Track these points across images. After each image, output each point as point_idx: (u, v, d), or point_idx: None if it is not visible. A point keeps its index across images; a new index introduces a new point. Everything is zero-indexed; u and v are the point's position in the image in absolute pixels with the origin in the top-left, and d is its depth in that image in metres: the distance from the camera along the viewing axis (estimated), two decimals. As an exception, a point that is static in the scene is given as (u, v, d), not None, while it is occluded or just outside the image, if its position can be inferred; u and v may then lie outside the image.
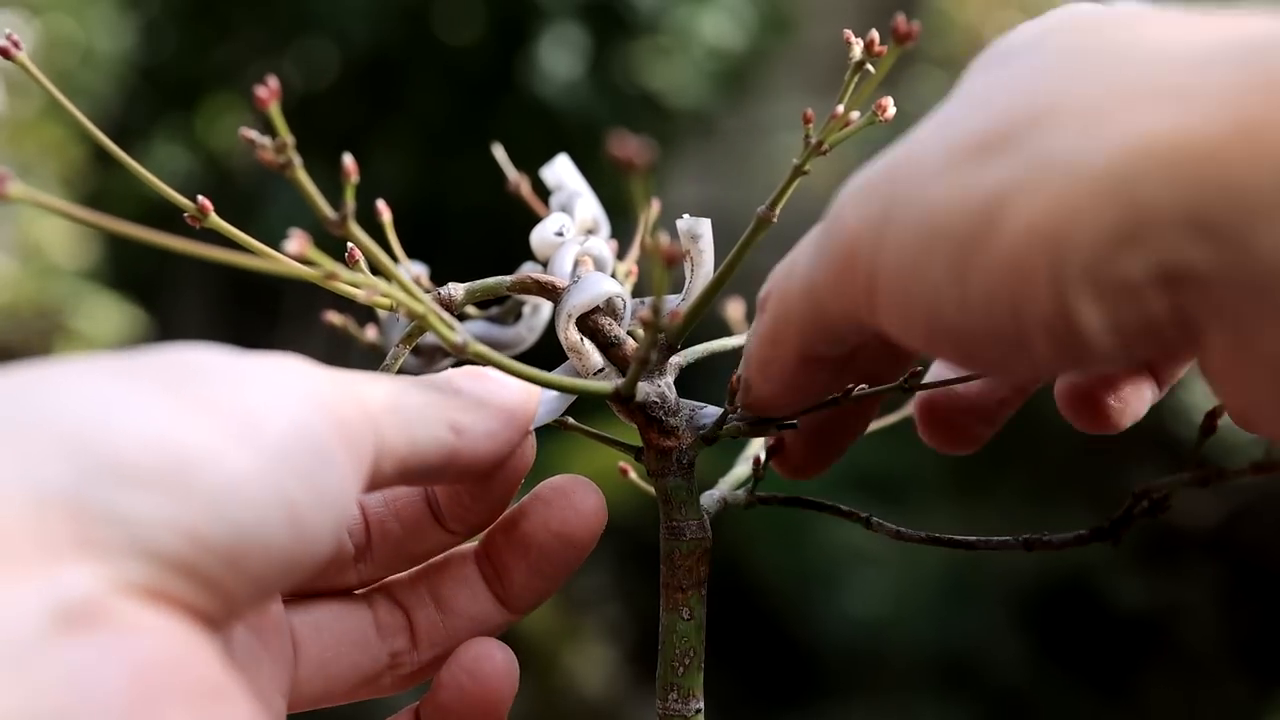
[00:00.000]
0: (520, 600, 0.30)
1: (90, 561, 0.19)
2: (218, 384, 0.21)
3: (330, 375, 0.24)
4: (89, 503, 0.19)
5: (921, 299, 0.23)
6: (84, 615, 0.18)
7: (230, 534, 0.20)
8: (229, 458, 0.20)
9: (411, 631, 0.30)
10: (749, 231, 0.29)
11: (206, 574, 0.20)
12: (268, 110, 0.22)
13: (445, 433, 0.26)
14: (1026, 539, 0.31)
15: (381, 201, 0.34)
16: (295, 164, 0.23)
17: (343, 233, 0.24)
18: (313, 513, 0.21)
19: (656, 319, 0.24)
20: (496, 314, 0.37)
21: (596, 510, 0.29)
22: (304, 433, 0.22)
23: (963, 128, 0.23)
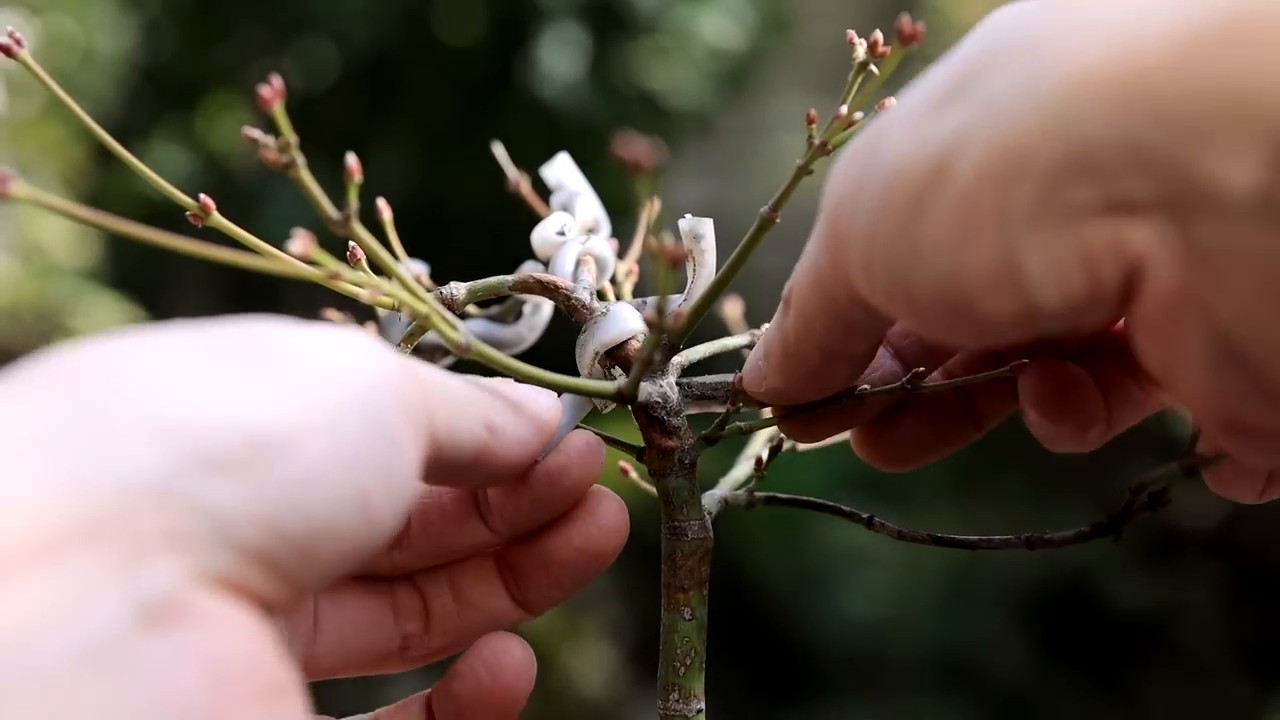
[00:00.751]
0: (536, 604, 0.30)
1: (175, 554, 0.18)
2: (293, 364, 0.21)
3: (390, 352, 0.23)
4: (177, 493, 0.19)
5: (881, 255, 0.23)
6: (165, 611, 0.18)
7: (307, 524, 0.20)
8: (308, 445, 0.20)
9: (426, 616, 0.30)
10: (752, 232, 0.29)
11: (281, 564, 0.20)
12: (271, 110, 0.22)
13: (480, 428, 0.26)
14: (1029, 538, 0.31)
15: (382, 200, 0.34)
16: (299, 164, 0.23)
17: (346, 232, 0.24)
18: (382, 500, 0.21)
19: (660, 320, 0.24)
20: (497, 313, 0.37)
21: (619, 526, 0.30)
22: (377, 419, 0.22)
23: (926, 85, 0.23)
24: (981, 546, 0.31)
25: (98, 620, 0.17)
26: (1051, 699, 1.71)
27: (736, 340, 0.33)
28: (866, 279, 0.24)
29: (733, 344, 0.33)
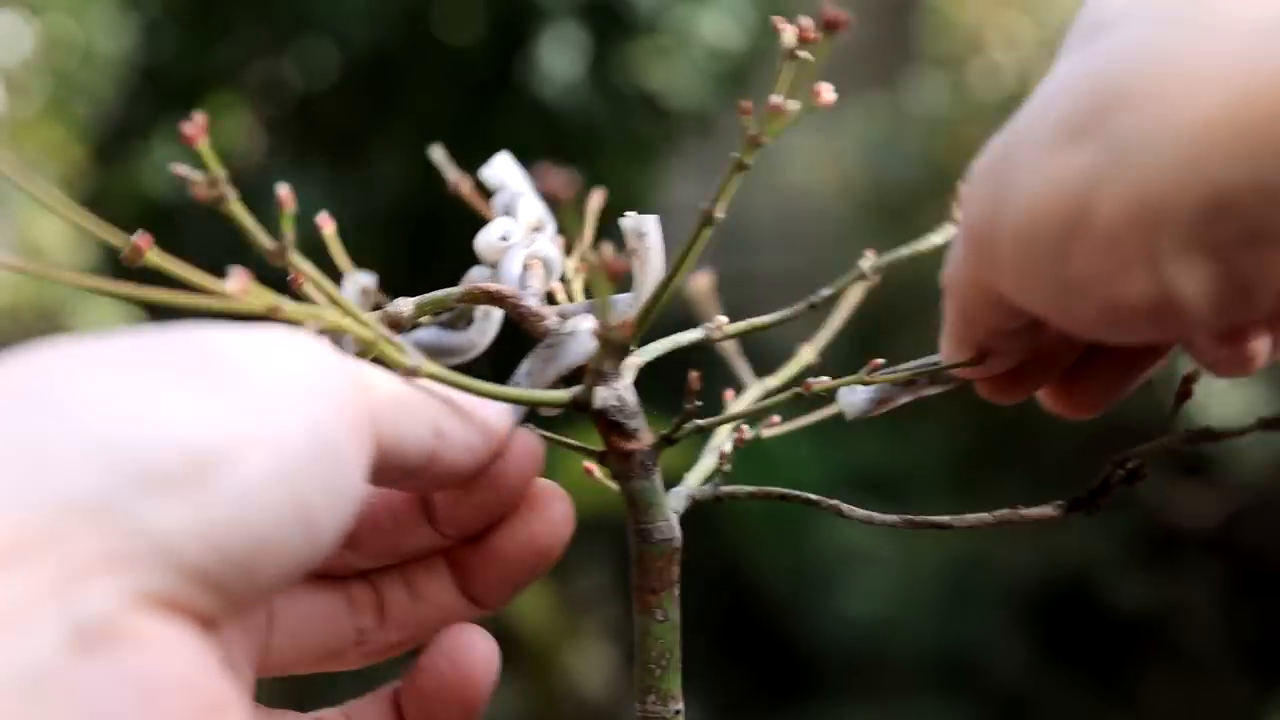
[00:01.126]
0: (486, 600, 0.30)
1: (111, 575, 0.18)
2: (234, 373, 0.21)
3: (338, 360, 0.23)
4: (115, 512, 0.18)
5: (1034, 285, 0.24)
6: (101, 634, 0.18)
7: (248, 541, 0.20)
8: (249, 459, 0.20)
9: (381, 611, 0.30)
10: (695, 229, 0.29)
11: (222, 581, 0.20)
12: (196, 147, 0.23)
13: (428, 434, 0.25)
14: (1001, 516, 0.31)
15: (323, 214, 0.34)
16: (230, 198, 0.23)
17: (282, 262, 0.24)
18: (325, 512, 0.21)
19: (607, 334, 0.24)
20: (447, 319, 0.37)
21: (564, 519, 0.29)
22: (320, 430, 0.21)
23: (1053, 115, 0.24)
24: (956, 527, 0.32)
25: (30, 643, 0.17)
26: (1051, 699, 1.71)
27: (691, 335, 0.33)
28: (1020, 299, 0.25)
29: (687, 339, 0.33)
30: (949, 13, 2.00)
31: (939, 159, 1.96)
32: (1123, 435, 0.31)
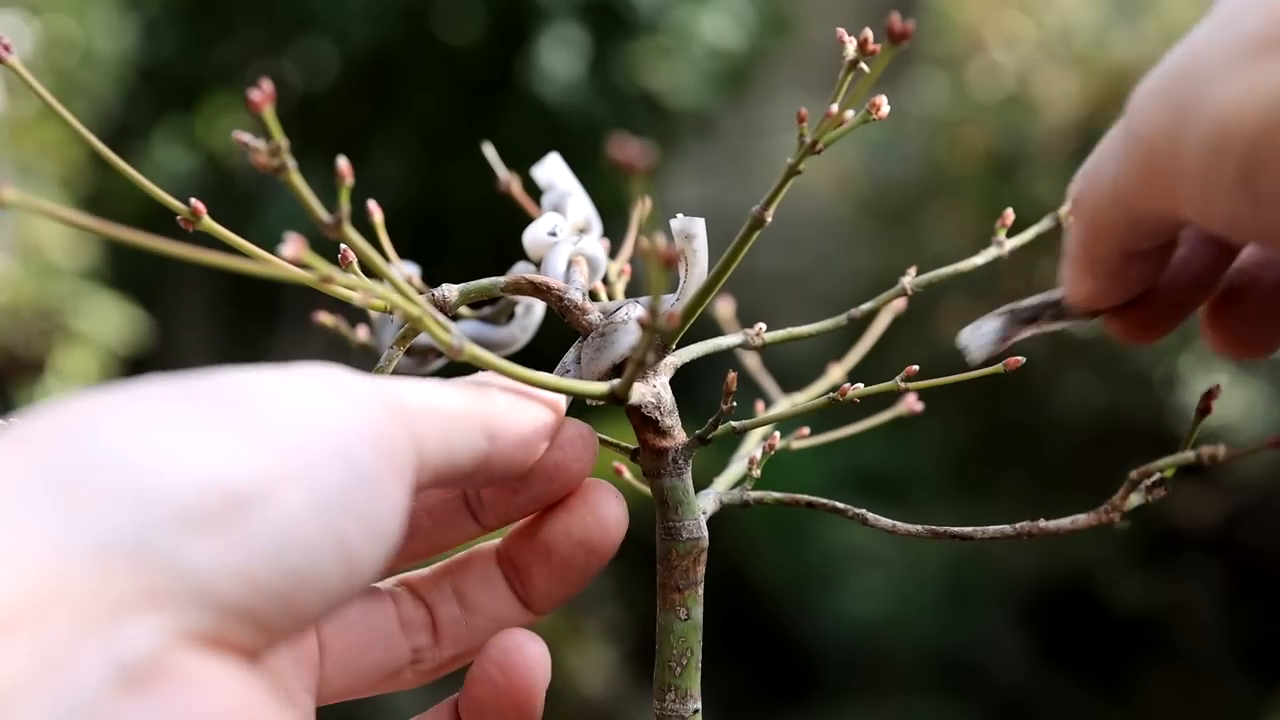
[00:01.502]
0: (542, 602, 0.30)
1: (153, 613, 0.18)
2: (267, 414, 0.21)
3: (372, 391, 0.23)
4: (153, 552, 0.19)
5: (1219, 199, 0.23)
6: (145, 672, 0.18)
7: (287, 577, 0.20)
8: (285, 497, 0.20)
9: (434, 628, 0.30)
10: (744, 231, 0.29)
11: (261, 615, 0.20)
12: (262, 113, 0.22)
13: (480, 440, 0.25)
14: (1024, 528, 0.31)
15: (373, 202, 0.34)
16: (290, 167, 0.23)
17: (338, 235, 0.24)
18: (363, 545, 0.21)
19: (654, 322, 0.24)
20: (489, 314, 0.37)
21: (618, 518, 0.29)
22: (355, 465, 0.21)
23: (1241, 29, 0.23)
24: (976, 538, 0.31)
25: (77, 682, 0.17)
26: (1051, 699, 1.71)
27: (730, 340, 0.33)
28: (1203, 214, 0.25)
29: (725, 343, 0.33)
30: (949, 13, 2.00)
31: (939, 159, 1.97)
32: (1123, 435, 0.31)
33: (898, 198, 2.00)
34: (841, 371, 0.40)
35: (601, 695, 1.84)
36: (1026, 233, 0.34)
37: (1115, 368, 1.71)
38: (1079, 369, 1.73)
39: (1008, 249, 0.34)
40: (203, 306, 2.58)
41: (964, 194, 1.90)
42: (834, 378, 0.40)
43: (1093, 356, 1.74)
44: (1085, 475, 1.73)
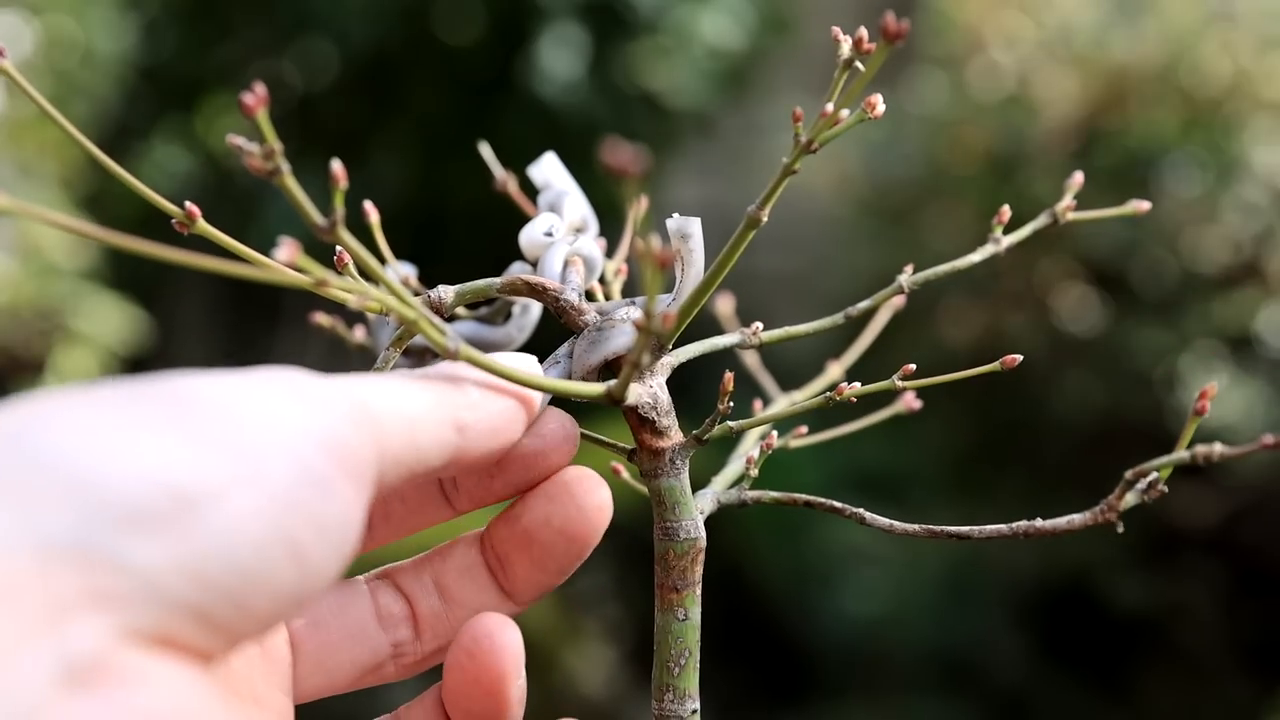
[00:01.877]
0: (524, 592, 0.30)
1: (98, 612, 0.18)
2: (214, 416, 0.21)
3: (328, 393, 0.23)
4: (96, 551, 0.18)
5: None
6: (91, 671, 0.18)
7: (235, 575, 0.20)
8: (230, 498, 0.20)
9: (415, 621, 0.29)
10: (739, 231, 0.29)
11: (212, 616, 0.20)
12: (256, 117, 0.22)
13: (449, 433, 0.25)
14: (1021, 527, 0.31)
15: (369, 204, 0.34)
16: (284, 171, 0.23)
17: (332, 238, 0.24)
18: (316, 546, 0.21)
19: (650, 322, 0.24)
20: (485, 314, 0.37)
21: (600, 507, 0.29)
22: (305, 469, 0.21)
23: None
24: (974, 537, 0.31)
25: (21, 681, 0.17)
26: (1051, 699, 1.71)
27: (727, 339, 0.33)
28: None
29: (722, 343, 0.33)
30: (949, 13, 2.00)
31: (939, 159, 1.96)
32: (1123, 436, 0.31)
33: (898, 198, 2.00)
34: (840, 369, 0.40)
35: (601, 695, 1.84)
36: (1023, 229, 0.34)
37: (1115, 368, 1.71)
38: (1079, 369, 1.73)
39: (1005, 246, 0.34)
40: (203, 307, 2.58)
41: (964, 194, 1.90)
42: (833, 376, 0.40)
43: (1093, 356, 1.74)
44: (1085, 475, 1.73)
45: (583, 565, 0.30)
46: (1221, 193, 1.68)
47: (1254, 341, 1.63)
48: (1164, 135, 1.70)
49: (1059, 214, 0.34)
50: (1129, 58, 1.75)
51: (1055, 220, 0.34)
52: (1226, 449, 0.27)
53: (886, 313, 0.39)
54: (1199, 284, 1.69)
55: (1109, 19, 1.82)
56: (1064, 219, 0.34)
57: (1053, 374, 1.74)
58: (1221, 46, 1.69)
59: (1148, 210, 0.35)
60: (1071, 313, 1.78)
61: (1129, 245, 1.71)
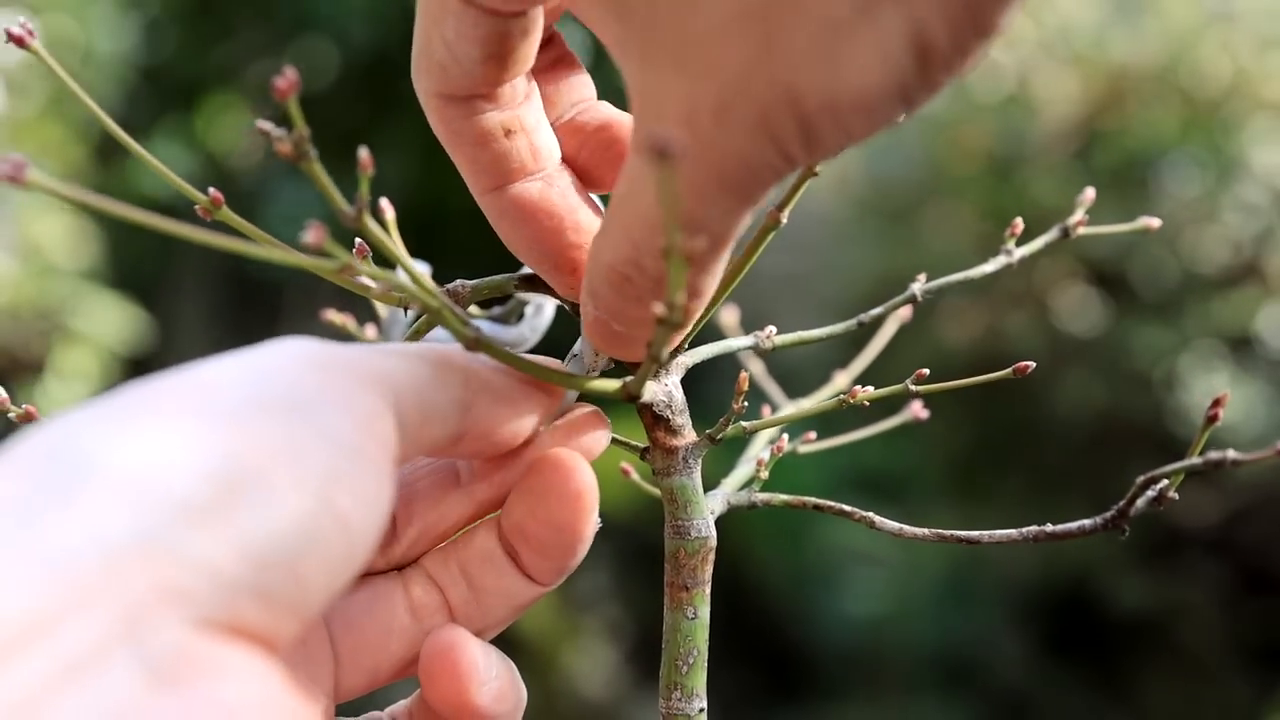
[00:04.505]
0: (542, 575, 0.30)
1: (170, 607, 0.19)
2: (241, 399, 0.21)
3: (342, 356, 0.23)
4: (157, 547, 0.19)
5: None
6: (174, 667, 0.18)
7: (290, 551, 0.20)
8: (273, 478, 0.20)
9: (449, 610, 0.30)
10: (758, 232, 0.29)
11: (275, 594, 0.20)
12: (286, 102, 0.22)
13: (458, 394, 0.26)
14: (1031, 533, 0.31)
15: (385, 200, 0.34)
16: (312, 156, 0.23)
17: (358, 226, 0.24)
18: (358, 511, 0.22)
19: (670, 317, 0.24)
20: (499, 314, 0.37)
21: (579, 493, 0.29)
22: (337, 437, 0.22)
23: None
24: (984, 542, 0.31)
25: (109, 686, 0.18)
26: (1051, 699, 1.71)
27: (741, 341, 0.33)
28: None
29: (737, 345, 0.33)
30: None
31: (939, 159, 1.97)
32: (1123, 436, 0.31)
33: (898, 198, 2.00)
34: (848, 379, 0.41)
35: (601, 695, 1.84)
36: (1034, 243, 0.35)
37: (1115, 368, 1.71)
38: (1079, 369, 1.74)
39: (1017, 258, 0.34)
40: (203, 307, 2.59)
41: (964, 194, 1.90)
42: (839, 385, 0.41)
43: (1093, 356, 1.74)
44: (1085, 475, 1.73)
45: (583, 565, 0.30)
46: (1221, 193, 1.68)
47: (1254, 341, 1.63)
48: (1164, 135, 1.70)
49: (1070, 229, 0.35)
50: (1129, 58, 1.75)
51: (1066, 235, 0.35)
52: (1239, 455, 0.27)
53: (894, 323, 0.39)
54: (1199, 284, 1.69)
55: (1109, 19, 1.82)
56: (1075, 234, 0.35)
57: (1053, 374, 1.74)
58: (1221, 46, 1.69)
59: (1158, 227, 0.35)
60: (1071, 313, 1.78)
61: (1129, 246, 1.71)
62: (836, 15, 0.20)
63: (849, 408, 0.32)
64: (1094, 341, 1.75)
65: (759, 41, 0.21)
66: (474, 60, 0.26)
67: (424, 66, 0.27)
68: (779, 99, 0.21)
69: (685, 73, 0.22)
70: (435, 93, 0.27)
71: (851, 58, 0.21)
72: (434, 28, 0.26)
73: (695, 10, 0.21)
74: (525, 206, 0.29)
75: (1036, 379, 1.79)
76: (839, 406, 0.33)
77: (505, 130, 0.28)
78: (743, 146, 0.22)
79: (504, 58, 0.26)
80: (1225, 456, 0.26)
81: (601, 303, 0.27)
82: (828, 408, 0.33)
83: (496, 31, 0.26)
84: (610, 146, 0.30)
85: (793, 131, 0.22)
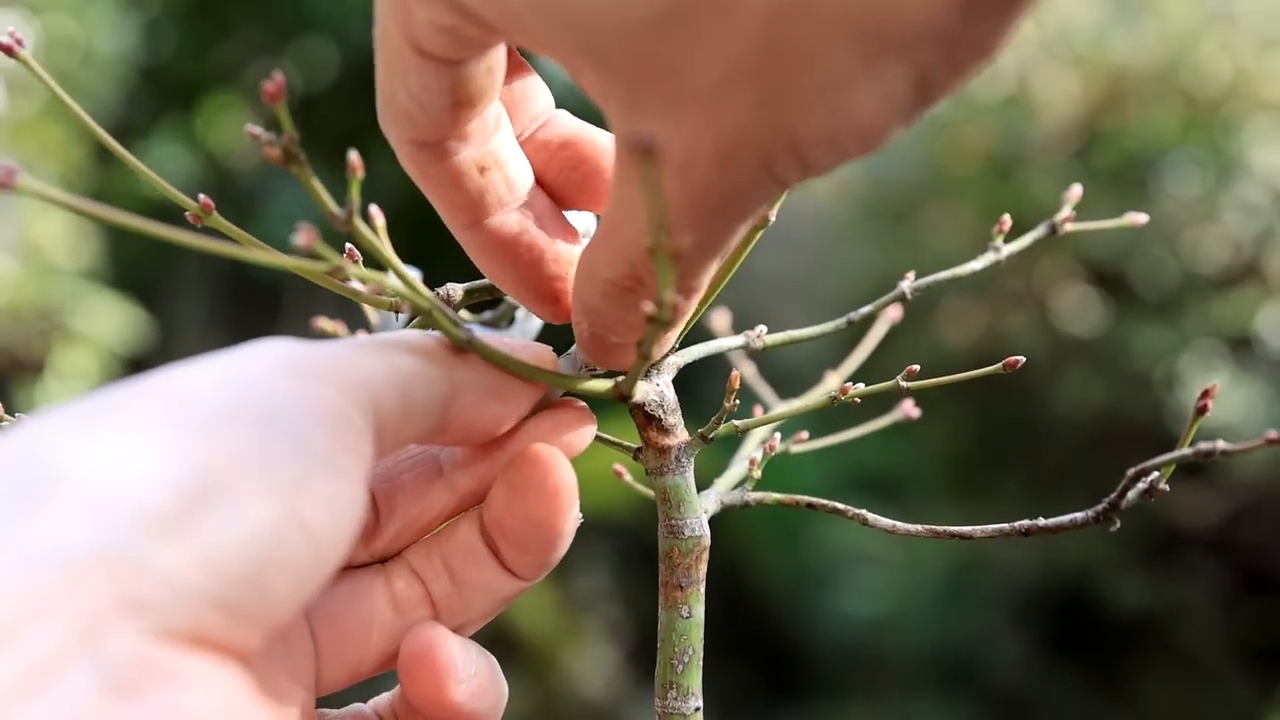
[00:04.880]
0: (524, 571, 0.29)
1: (131, 618, 0.19)
2: (208, 407, 0.21)
3: (318, 363, 0.23)
4: (117, 557, 0.19)
5: None
6: (135, 677, 0.18)
7: (254, 562, 0.20)
8: (237, 488, 0.20)
9: (432, 603, 0.29)
10: (747, 230, 0.29)
11: (238, 606, 0.20)
12: (275, 106, 0.22)
13: (441, 388, 0.25)
14: (1024, 526, 0.31)
15: (375, 207, 0.34)
16: (302, 161, 0.23)
17: (349, 229, 0.24)
18: (326, 523, 0.22)
19: (660, 315, 0.24)
20: (490, 319, 0.37)
21: (557, 490, 0.28)
22: (302, 447, 0.21)
23: None
24: (976, 537, 0.31)
25: (67, 696, 0.17)
26: (1051, 699, 1.71)
27: (732, 341, 0.33)
28: None
29: (728, 344, 0.33)
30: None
31: (939, 159, 1.97)
32: (1122, 435, 0.31)
33: (898, 198, 2.00)
34: (839, 380, 0.41)
35: (601, 696, 1.84)
36: (1023, 239, 0.35)
37: (1115, 368, 1.71)
38: (1079, 369, 1.74)
39: (1005, 255, 0.34)
40: (203, 307, 2.59)
41: (964, 194, 1.90)
42: (832, 385, 0.41)
43: (1093, 356, 1.74)
44: (1085, 475, 1.73)
45: (582, 565, 0.30)
46: (1221, 193, 1.68)
47: (1254, 341, 1.63)
48: (1164, 135, 1.70)
49: (1058, 225, 0.35)
50: (1129, 58, 1.75)
51: (1054, 231, 0.35)
52: (1229, 445, 0.27)
53: (884, 323, 0.39)
54: (1199, 284, 1.69)
55: (1109, 19, 1.82)
56: (1063, 230, 0.35)
57: (1053, 374, 1.74)
58: (1221, 46, 1.69)
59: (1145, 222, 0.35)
60: (1071, 313, 1.78)
61: (1129, 246, 1.71)
62: (839, 70, 0.20)
63: (844, 407, 0.32)
64: (1094, 341, 1.75)
65: (760, 97, 0.21)
66: (441, 109, 0.26)
67: (390, 116, 0.27)
68: (781, 143, 0.22)
69: (681, 125, 0.22)
70: (406, 140, 0.27)
71: (854, 103, 0.21)
72: (396, 81, 0.26)
73: (690, 69, 0.21)
74: (504, 241, 0.29)
75: (1036, 379, 1.79)
76: (829, 405, 0.33)
77: (480, 168, 0.28)
78: (741, 183, 0.22)
79: (471, 99, 0.26)
80: (1215, 447, 0.26)
81: (598, 318, 0.27)
82: (818, 406, 0.33)
83: (460, 77, 0.25)
84: (577, 166, 0.29)
85: (793, 166, 0.22)
